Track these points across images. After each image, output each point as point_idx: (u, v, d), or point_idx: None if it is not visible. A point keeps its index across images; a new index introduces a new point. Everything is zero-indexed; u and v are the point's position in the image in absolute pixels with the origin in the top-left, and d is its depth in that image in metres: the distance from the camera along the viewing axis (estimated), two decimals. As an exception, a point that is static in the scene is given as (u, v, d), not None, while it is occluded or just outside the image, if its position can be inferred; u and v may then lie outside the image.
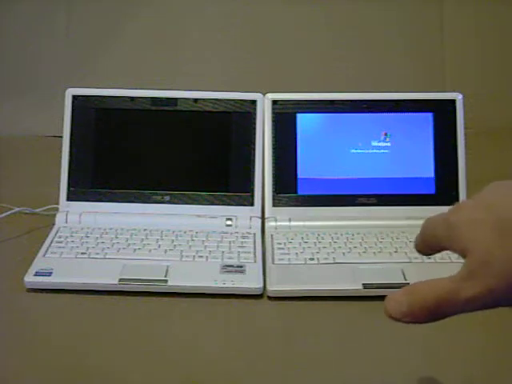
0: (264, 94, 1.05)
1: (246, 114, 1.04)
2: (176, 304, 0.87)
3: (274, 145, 1.04)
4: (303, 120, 1.04)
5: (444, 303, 0.46)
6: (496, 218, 0.46)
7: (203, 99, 1.05)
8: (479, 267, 0.45)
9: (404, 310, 0.47)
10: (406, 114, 1.05)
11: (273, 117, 1.04)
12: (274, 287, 0.89)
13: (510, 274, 0.44)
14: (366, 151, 1.04)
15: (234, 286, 0.89)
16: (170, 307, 0.87)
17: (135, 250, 0.96)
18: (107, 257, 0.95)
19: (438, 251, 0.52)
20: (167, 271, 0.91)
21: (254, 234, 1.01)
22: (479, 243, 0.46)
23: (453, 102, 1.05)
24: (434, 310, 0.47)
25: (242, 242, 0.99)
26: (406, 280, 0.89)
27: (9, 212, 1.06)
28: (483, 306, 0.46)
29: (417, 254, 0.98)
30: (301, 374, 0.75)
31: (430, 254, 0.54)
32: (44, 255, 0.95)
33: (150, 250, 0.96)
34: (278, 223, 1.02)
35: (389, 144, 1.04)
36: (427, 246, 0.53)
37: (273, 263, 0.94)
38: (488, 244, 0.45)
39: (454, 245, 0.48)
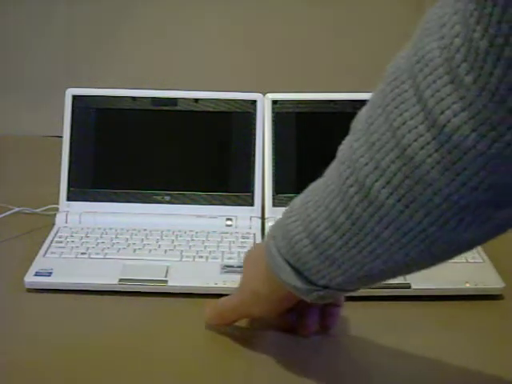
0: (264, 94, 1.05)
1: (245, 113, 1.04)
2: (176, 304, 0.87)
3: (273, 145, 1.04)
4: (303, 120, 1.04)
5: None
6: None
7: (203, 99, 1.05)
8: None
9: None
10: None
11: (273, 117, 1.04)
12: (274, 287, 0.89)
13: None
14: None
15: (234, 286, 0.89)
16: (170, 307, 0.87)
17: (135, 250, 0.96)
18: (107, 257, 0.95)
19: None
20: (167, 271, 0.92)
21: (254, 234, 1.01)
22: None
23: (453, 102, 1.04)
24: None
25: (241, 242, 0.99)
26: (405, 280, 0.89)
27: (9, 212, 1.06)
28: None
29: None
30: (301, 373, 0.75)
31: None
32: (44, 255, 0.95)
33: (150, 250, 0.96)
34: (278, 223, 1.02)
35: (389, 144, 1.04)
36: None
37: (273, 263, 0.94)
38: None
39: None
